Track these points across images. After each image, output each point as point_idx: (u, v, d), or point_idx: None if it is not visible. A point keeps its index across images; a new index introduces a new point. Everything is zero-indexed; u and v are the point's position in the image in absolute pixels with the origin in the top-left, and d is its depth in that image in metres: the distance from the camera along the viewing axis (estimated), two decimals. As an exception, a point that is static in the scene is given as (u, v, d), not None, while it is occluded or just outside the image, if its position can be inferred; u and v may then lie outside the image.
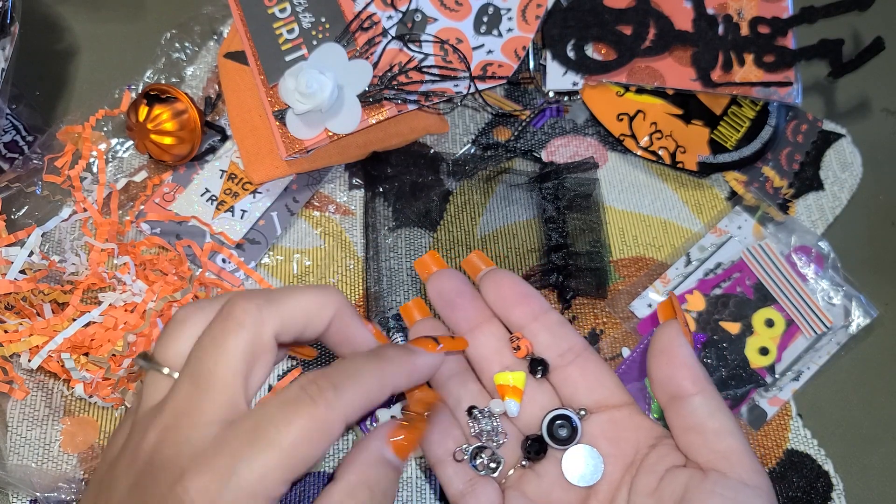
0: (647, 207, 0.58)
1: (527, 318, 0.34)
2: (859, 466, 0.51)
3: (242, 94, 0.55)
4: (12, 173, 0.55)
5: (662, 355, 0.31)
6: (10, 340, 0.47)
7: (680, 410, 0.30)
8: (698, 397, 0.30)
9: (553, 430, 0.32)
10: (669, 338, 0.31)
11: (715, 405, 0.30)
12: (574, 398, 0.33)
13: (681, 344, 0.31)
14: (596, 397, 0.33)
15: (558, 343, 0.34)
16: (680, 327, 0.31)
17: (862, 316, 0.54)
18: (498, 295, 0.35)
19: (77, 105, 0.59)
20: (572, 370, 0.34)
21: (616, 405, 0.33)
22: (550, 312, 0.35)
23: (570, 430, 0.32)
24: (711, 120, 0.59)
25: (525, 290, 0.35)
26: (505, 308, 0.35)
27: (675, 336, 0.31)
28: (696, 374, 0.30)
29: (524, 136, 0.59)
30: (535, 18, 0.58)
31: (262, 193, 0.55)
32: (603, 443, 0.32)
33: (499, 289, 0.35)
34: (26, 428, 0.48)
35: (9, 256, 0.49)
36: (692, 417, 0.30)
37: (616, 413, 0.33)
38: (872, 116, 0.64)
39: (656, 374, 0.31)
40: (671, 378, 0.31)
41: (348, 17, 0.54)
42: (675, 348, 0.31)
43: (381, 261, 0.54)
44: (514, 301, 0.35)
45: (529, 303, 0.35)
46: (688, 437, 0.30)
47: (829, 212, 0.59)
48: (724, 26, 0.59)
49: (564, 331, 0.34)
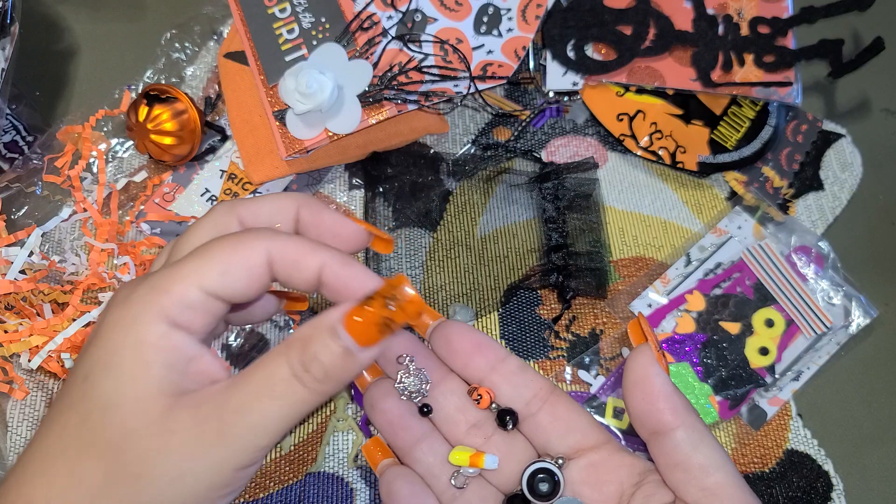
0: (647, 207, 0.58)
1: (484, 369, 0.32)
2: (859, 466, 0.51)
3: (242, 94, 0.55)
4: (12, 173, 0.55)
5: (637, 388, 0.29)
6: (10, 340, 0.47)
7: (662, 446, 0.29)
8: (680, 431, 0.28)
9: (534, 485, 0.30)
10: (643, 367, 0.29)
11: (698, 437, 0.28)
12: (548, 446, 0.32)
13: (655, 373, 0.29)
14: (571, 442, 0.31)
15: (522, 391, 0.32)
16: (653, 353, 0.29)
17: (862, 316, 0.54)
18: (450, 349, 0.33)
19: (77, 105, 0.59)
20: (542, 417, 0.32)
21: (593, 446, 0.31)
22: (509, 359, 0.33)
23: (551, 484, 0.30)
24: (711, 120, 0.59)
25: (478, 339, 0.33)
26: (460, 362, 0.33)
27: (648, 365, 0.29)
28: (674, 406, 0.29)
29: (524, 136, 0.59)
30: (535, 18, 0.58)
31: (262, 193, 0.55)
32: (586, 490, 0.31)
33: (450, 342, 0.33)
34: (26, 428, 0.48)
35: (9, 256, 0.49)
36: (676, 453, 0.28)
37: (594, 455, 0.31)
38: (872, 116, 0.64)
39: (633, 409, 0.29)
40: (649, 412, 0.29)
41: (348, 17, 0.54)
42: (650, 378, 0.29)
43: (381, 261, 0.54)
44: (468, 353, 0.33)
45: (485, 352, 0.32)
46: (674, 475, 0.29)
47: (829, 212, 0.59)
48: (724, 26, 0.59)
49: (526, 377, 0.32)
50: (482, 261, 0.54)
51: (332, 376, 0.26)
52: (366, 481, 0.48)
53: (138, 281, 0.27)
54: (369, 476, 0.48)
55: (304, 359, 0.26)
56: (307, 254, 0.28)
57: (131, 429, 0.25)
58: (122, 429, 0.25)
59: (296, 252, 0.28)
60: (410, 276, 0.53)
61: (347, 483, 0.48)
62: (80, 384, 0.26)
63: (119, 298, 0.27)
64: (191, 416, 0.25)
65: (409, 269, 0.54)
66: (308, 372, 0.26)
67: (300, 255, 0.28)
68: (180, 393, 0.26)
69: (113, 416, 0.25)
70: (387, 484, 0.31)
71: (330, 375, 0.26)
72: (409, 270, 0.54)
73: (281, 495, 0.47)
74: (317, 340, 0.26)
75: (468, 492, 0.32)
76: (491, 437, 0.32)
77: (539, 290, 0.54)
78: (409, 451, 0.32)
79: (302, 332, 0.26)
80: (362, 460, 0.48)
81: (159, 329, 0.26)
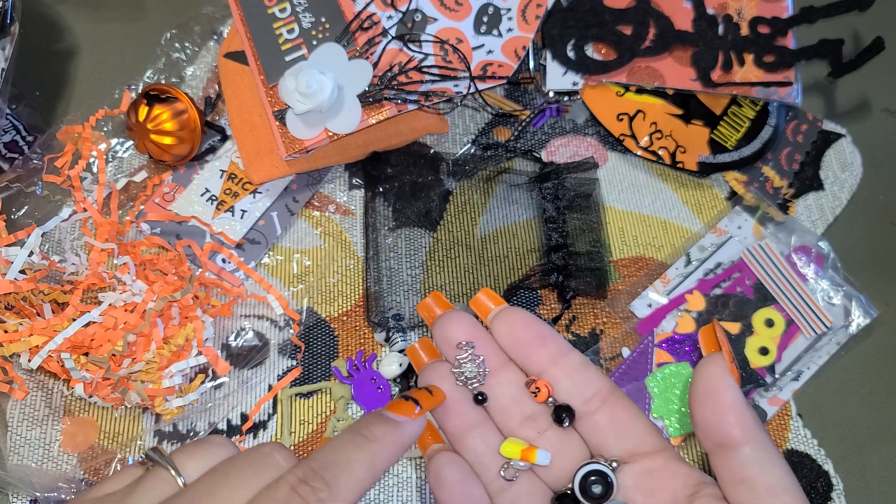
0: (647, 207, 0.58)
1: (545, 362, 0.32)
2: (859, 466, 0.51)
3: (242, 94, 0.55)
4: (12, 173, 0.55)
5: (707, 399, 0.28)
6: (10, 340, 0.47)
7: (728, 461, 0.28)
8: (748, 447, 0.27)
9: (586, 486, 0.30)
10: (715, 378, 0.28)
11: (767, 456, 0.27)
12: (603, 447, 0.31)
13: (728, 386, 0.28)
14: (628, 446, 0.30)
15: (582, 389, 0.31)
16: (726, 364, 0.28)
17: (862, 316, 0.54)
18: (512, 338, 0.32)
19: (77, 105, 0.59)
20: (600, 417, 0.31)
21: (649, 453, 0.30)
22: (571, 354, 0.32)
23: (604, 487, 0.29)
24: (711, 120, 0.59)
25: (541, 330, 0.32)
26: (521, 352, 0.32)
27: (721, 376, 0.28)
28: (745, 421, 0.28)
29: (524, 136, 0.59)
30: (535, 18, 0.58)
31: (262, 193, 0.55)
32: (638, 497, 0.30)
33: (512, 331, 0.32)
34: (26, 428, 0.48)
35: (9, 256, 0.49)
36: (742, 470, 0.27)
37: (650, 462, 0.30)
38: (872, 116, 0.64)
39: (700, 419, 0.28)
40: (718, 425, 0.28)
41: (348, 17, 0.54)
42: (722, 391, 0.28)
43: (381, 261, 0.54)
44: (530, 343, 0.32)
45: (547, 345, 0.32)
46: (737, 491, 0.27)
47: (829, 212, 0.59)
48: (724, 26, 0.59)
49: (588, 374, 0.31)
50: (482, 261, 0.54)
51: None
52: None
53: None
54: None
55: None
56: None
57: None
58: None
59: None
60: (410, 276, 0.53)
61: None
62: None
63: None
64: None
65: (409, 269, 0.54)
66: None
67: None
68: None
69: None
70: (436, 468, 0.31)
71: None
72: (408, 270, 0.54)
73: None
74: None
75: (517, 485, 0.31)
76: (545, 432, 0.32)
77: (539, 290, 0.54)
78: (460, 438, 0.32)
79: None
80: None
81: None
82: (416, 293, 0.53)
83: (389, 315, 0.52)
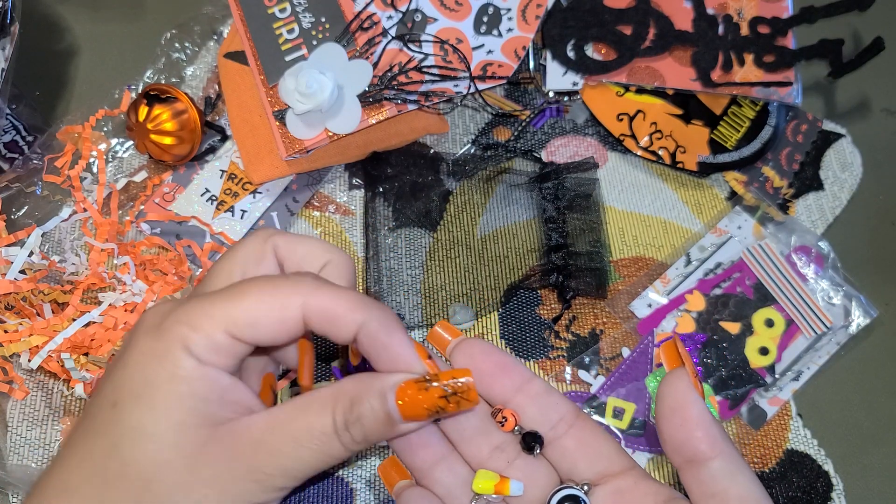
0: (647, 207, 0.58)
1: (509, 390, 0.31)
2: (859, 466, 0.51)
3: (242, 94, 0.55)
4: (12, 173, 0.55)
5: (674, 415, 0.28)
6: (10, 340, 0.47)
7: (698, 476, 0.28)
8: (717, 461, 0.28)
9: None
10: (680, 393, 0.28)
11: (736, 468, 0.28)
12: (573, 471, 0.31)
13: (693, 400, 0.28)
14: (597, 468, 0.30)
15: (548, 414, 0.31)
16: (689, 378, 0.28)
17: (862, 316, 0.54)
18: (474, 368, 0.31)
19: (77, 105, 0.59)
20: (568, 441, 0.31)
21: (618, 473, 0.30)
22: (534, 381, 0.32)
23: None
24: (711, 120, 0.59)
25: (502, 359, 0.32)
26: (484, 382, 0.32)
27: (685, 391, 0.28)
28: (713, 436, 0.28)
29: (524, 136, 0.59)
30: (535, 18, 0.58)
31: (262, 193, 0.55)
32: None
33: (474, 362, 0.32)
34: (26, 428, 0.48)
35: (9, 256, 0.49)
36: (713, 484, 0.28)
37: (620, 482, 0.30)
38: (872, 116, 0.64)
39: (669, 437, 0.29)
40: (686, 441, 0.28)
41: (348, 17, 0.54)
42: (688, 406, 0.28)
43: (381, 261, 0.54)
44: (493, 374, 0.32)
45: (510, 373, 0.32)
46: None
47: (829, 212, 0.59)
48: (724, 26, 0.59)
49: (552, 399, 0.31)
50: (482, 261, 0.54)
51: (369, 439, 0.27)
52: (366, 482, 0.48)
53: (168, 309, 0.27)
54: (368, 476, 0.48)
55: (348, 417, 0.26)
56: (346, 312, 0.27)
57: (164, 460, 0.25)
58: (154, 460, 0.25)
59: (334, 308, 0.27)
60: (410, 276, 0.53)
61: (347, 483, 0.48)
62: (109, 411, 0.26)
63: (148, 325, 0.27)
64: (224, 451, 0.26)
65: (409, 269, 0.54)
66: (348, 431, 0.26)
67: (339, 313, 0.27)
68: (216, 424, 0.26)
69: (145, 445, 0.25)
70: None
71: (368, 438, 0.27)
72: (408, 270, 0.54)
73: (281, 495, 0.47)
74: (364, 402, 0.26)
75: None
76: (514, 461, 0.31)
77: (539, 290, 0.54)
78: (428, 472, 0.31)
79: (350, 387, 0.27)
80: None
81: (190, 363, 0.26)
82: (416, 293, 0.53)
83: (389, 315, 0.52)
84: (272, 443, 0.26)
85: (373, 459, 0.48)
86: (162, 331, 0.26)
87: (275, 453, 0.26)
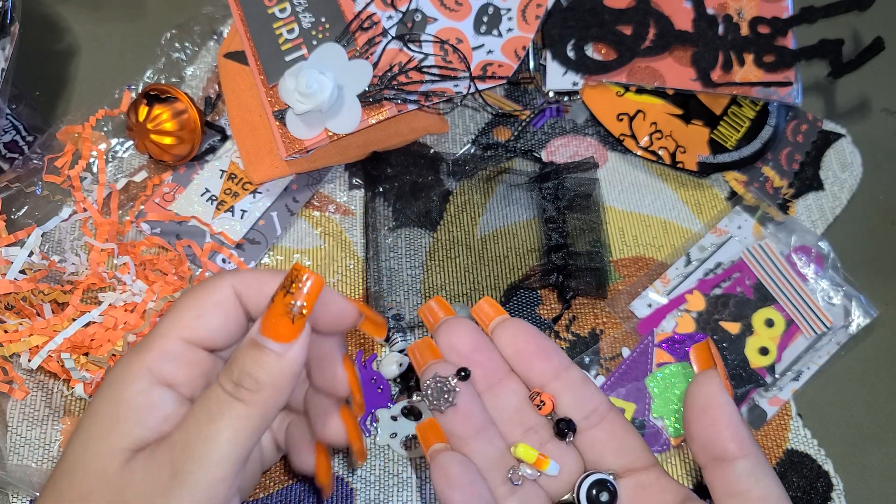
0: (647, 207, 0.58)
1: (547, 375, 0.32)
2: (859, 466, 0.51)
3: (242, 94, 0.55)
4: (12, 173, 0.55)
5: (704, 415, 0.29)
6: (10, 340, 0.47)
7: (723, 474, 0.29)
8: (742, 461, 0.28)
9: (593, 495, 0.30)
10: (711, 394, 0.29)
11: (760, 470, 0.28)
12: (600, 462, 0.32)
13: (724, 402, 0.29)
14: (624, 461, 0.31)
15: (582, 404, 0.32)
16: (721, 380, 0.29)
17: (862, 316, 0.54)
18: (516, 349, 0.33)
19: (77, 105, 0.59)
20: (599, 433, 0.32)
21: (642, 468, 0.31)
22: (572, 369, 0.33)
23: (609, 496, 0.30)
24: (711, 120, 0.59)
25: (544, 343, 0.33)
26: (524, 364, 0.33)
27: (716, 392, 0.29)
28: (741, 436, 0.29)
29: (524, 136, 0.59)
30: (535, 18, 0.58)
31: (262, 193, 0.55)
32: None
33: (516, 342, 0.33)
34: (26, 428, 0.48)
35: (9, 256, 0.49)
36: (737, 483, 0.28)
37: (643, 477, 0.31)
38: (872, 116, 0.64)
39: (697, 434, 0.30)
40: (715, 440, 0.29)
41: (348, 17, 0.54)
42: (718, 407, 0.29)
43: (381, 261, 0.54)
44: (533, 356, 0.32)
45: (550, 359, 0.32)
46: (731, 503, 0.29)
47: (829, 212, 0.59)
48: (724, 26, 0.59)
49: (588, 390, 0.32)
50: (482, 261, 0.54)
51: (265, 383, 0.27)
52: (366, 482, 0.48)
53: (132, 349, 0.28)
54: (368, 476, 0.48)
55: (234, 377, 0.27)
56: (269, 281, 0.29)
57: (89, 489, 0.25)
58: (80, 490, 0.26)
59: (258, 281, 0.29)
60: (410, 276, 0.53)
61: (347, 483, 0.48)
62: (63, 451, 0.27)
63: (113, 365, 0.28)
64: (144, 465, 0.26)
65: (409, 269, 0.54)
66: (241, 386, 0.26)
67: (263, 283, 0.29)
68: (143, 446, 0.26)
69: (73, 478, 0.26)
70: (442, 467, 0.30)
71: (263, 382, 0.27)
72: (409, 270, 0.54)
73: (281, 495, 0.47)
74: (242, 355, 0.27)
75: (520, 492, 0.32)
76: (545, 445, 0.32)
77: (539, 290, 0.54)
78: (467, 441, 0.32)
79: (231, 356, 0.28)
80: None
81: (140, 386, 0.27)
82: (416, 293, 0.53)
83: (389, 315, 0.52)
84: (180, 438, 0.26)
85: (373, 460, 0.48)
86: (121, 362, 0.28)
87: (186, 446, 0.26)
